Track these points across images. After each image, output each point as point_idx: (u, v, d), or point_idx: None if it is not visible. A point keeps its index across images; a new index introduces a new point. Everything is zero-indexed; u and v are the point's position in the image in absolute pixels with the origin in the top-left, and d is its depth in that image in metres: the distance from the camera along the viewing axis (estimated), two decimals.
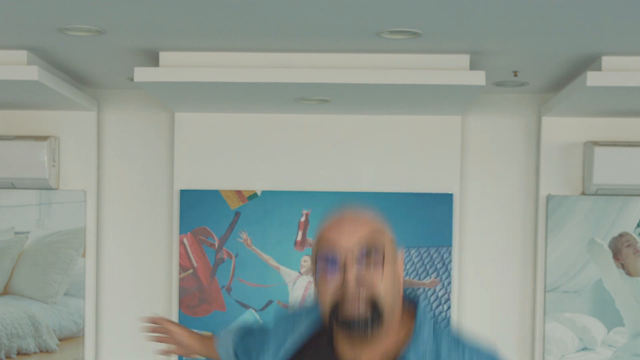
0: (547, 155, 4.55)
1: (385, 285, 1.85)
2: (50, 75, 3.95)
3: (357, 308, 1.82)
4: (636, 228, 4.52)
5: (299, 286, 4.54)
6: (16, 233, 4.63)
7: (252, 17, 3.28)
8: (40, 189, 4.57)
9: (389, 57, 3.82)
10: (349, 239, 1.84)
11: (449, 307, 4.52)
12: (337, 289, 1.83)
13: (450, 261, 4.52)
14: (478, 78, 3.80)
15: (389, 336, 1.90)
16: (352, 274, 1.82)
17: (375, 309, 1.83)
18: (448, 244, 4.52)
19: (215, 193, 4.55)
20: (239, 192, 4.56)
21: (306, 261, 4.53)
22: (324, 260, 1.85)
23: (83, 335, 4.61)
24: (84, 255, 4.61)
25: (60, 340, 4.60)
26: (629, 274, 4.52)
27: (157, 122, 4.70)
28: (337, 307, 1.83)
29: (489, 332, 4.65)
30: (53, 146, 4.50)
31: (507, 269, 4.67)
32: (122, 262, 4.73)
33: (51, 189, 4.56)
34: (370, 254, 1.84)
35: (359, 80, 3.81)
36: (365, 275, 1.83)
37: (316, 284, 1.90)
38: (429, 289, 4.54)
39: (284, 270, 4.55)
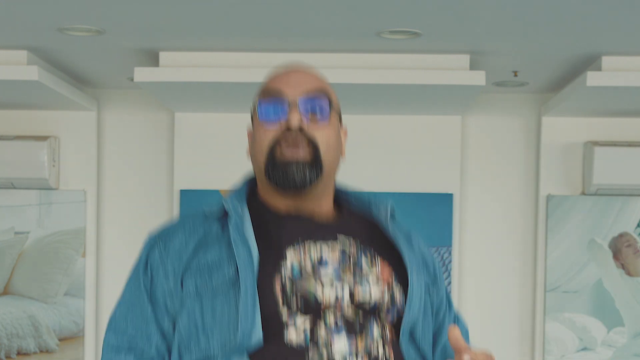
0: (547, 155, 4.55)
1: (328, 140, 1.74)
2: (50, 75, 3.95)
3: (297, 150, 1.69)
4: (636, 228, 4.52)
5: None
6: (16, 233, 4.63)
7: (252, 17, 3.28)
8: (40, 189, 4.57)
9: (389, 57, 3.82)
10: (296, 87, 1.74)
11: None
12: (277, 134, 1.70)
13: (450, 261, 4.52)
14: (478, 78, 3.80)
15: (325, 196, 1.77)
16: (295, 117, 1.70)
17: (315, 156, 1.70)
18: (448, 244, 4.52)
19: (215, 193, 4.55)
20: None
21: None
22: (267, 106, 1.73)
23: (83, 335, 4.61)
24: (84, 255, 4.61)
25: (60, 340, 4.60)
26: (629, 274, 4.52)
27: (157, 122, 4.70)
28: (273, 150, 1.70)
29: (489, 332, 4.65)
30: (53, 146, 4.51)
31: (507, 269, 4.67)
32: (122, 262, 4.70)
33: (51, 189, 4.56)
34: (315, 106, 1.73)
35: (359, 80, 3.81)
36: (308, 124, 1.72)
37: (253, 136, 1.78)
38: None
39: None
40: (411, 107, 4.36)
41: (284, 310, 1.61)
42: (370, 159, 4.57)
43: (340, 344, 1.62)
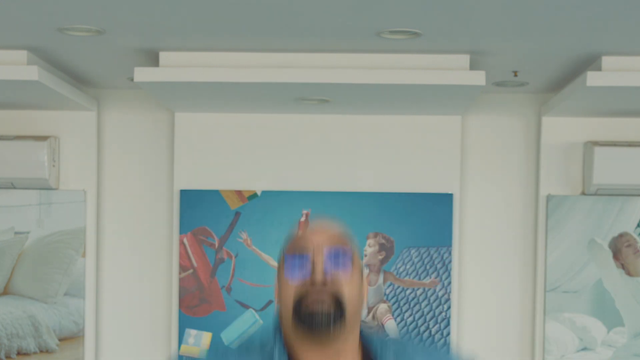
0: (547, 155, 4.55)
1: (351, 289, 1.85)
2: (50, 75, 3.95)
3: (321, 302, 1.81)
4: (636, 228, 4.52)
5: None
6: (16, 233, 4.63)
7: (252, 17, 3.28)
8: (40, 189, 4.57)
9: (389, 57, 3.82)
10: (320, 239, 1.87)
11: (449, 307, 4.52)
12: (303, 284, 1.83)
13: (450, 261, 4.52)
14: (478, 78, 3.80)
15: (348, 343, 1.88)
16: (320, 269, 1.83)
17: (339, 307, 1.82)
18: (448, 244, 4.52)
19: (215, 193, 4.55)
20: (239, 192, 4.56)
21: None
22: (292, 257, 1.86)
23: (83, 335, 4.61)
24: (84, 255, 4.61)
25: (60, 340, 4.60)
26: (629, 274, 4.52)
27: (157, 122, 4.70)
28: (300, 302, 1.82)
29: (489, 332, 4.65)
30: (53, 146, 4.51)
31: (507, 269, 4.67)
32: (122, 262, 4.73)
33: (51, 189, 4.56)
34: (339, 256, 1.86)
35: (359, 80, 3.81)
36: (332, 274, 1.84)
37: (279, 284, 1.89)
38: (429, 289, 4.54)
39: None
40: (411, 107, 4.36)
41: None
42: (370, 159, 4.57)
43: None
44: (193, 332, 4.55)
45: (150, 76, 3.85)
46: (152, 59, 3.92)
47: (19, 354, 4.58)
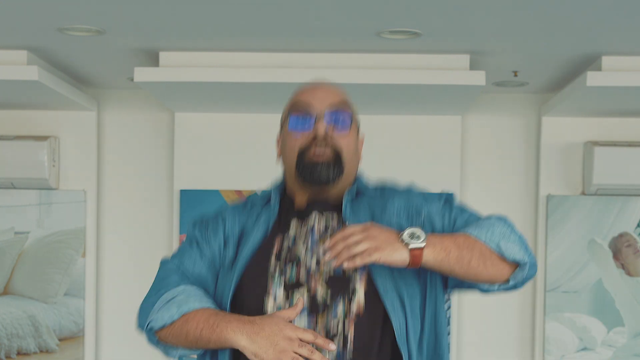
0: (547, 155, 4.55)
1: (349, 146, 2.03)
2: (50, 75, 3.95)
3: (322, 152, 1.98)
4: (636, 228, 4.52)
5: None
6: (16, 233, 4.63)
7: (252, 17, 3.28)
8: (40, 189, 4.57)
9: (389, 57, 3.82)
10: (322, 99, 2.03)
11: (449, 307, 4.52)
12: (306, 138, 2.00)
13: None
14: (478, 78, 3.81)
15: (341, 189, 2.05)
16: (322, 125, 1.99)
17: (338, 158, 1.99)
18: None
19: (215, 193, 4.55)
20: (239, 192, 4.56)
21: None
22: (297, 117, 2.02)
23: (83, 335, 4.61)
24: (84, 255, 4.61)
25: (60, 340, 4.60)
26: (629, 274, 4.52)
27: (157, 122, 4.70)
28: (302, 153, 1.99)
29: (489, 332, 4.65)
30: (53, 146, 4.51)
31: None
32: (122, 262, 4.73)
33: (51, 189, 4.56)
34: (339, 116, 2.02)
35: (359, 80, 3.81)
36: (333, 131, 2.00)
37: (283, 141, 2.08)
38: None
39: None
40: (411, 107, 4.36)
41: (271, 280, 1.95)
42: (370, 159, 4.56)
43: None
44: None
45: (150, 76, 3.85)
46: (152, 59, 3.92)
47: (19, 354, 4.58)
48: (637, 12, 3.13)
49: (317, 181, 1.99)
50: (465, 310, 4.64)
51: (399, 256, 1.84)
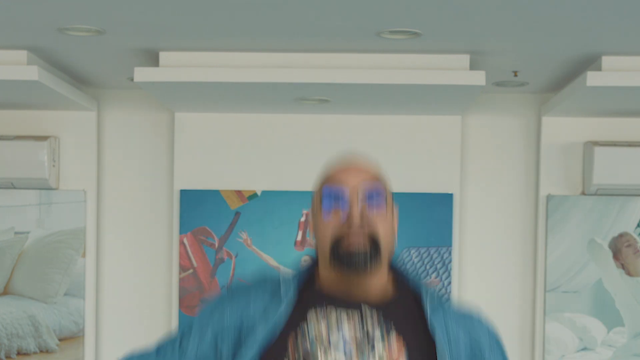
0: (547, 155, 4.55)
1: (385, 227, 1.91)
2: (50, 75, 3.95)
3: (359, 241, 1.86)
4: (636, 228, 4.52)
5: None
6: (16, 233, 4.63)
7: (252, 17, 3.28)
8: (40, 189, 4.57)
9: (389, 57, 3.82)
10: (356, 178, 1.92)
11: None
12: (340, 225, 1.88)
13: (450, 261, 4.52)
14: (478, 78, 3.80)
15: (380, 278, 1.92)
16: (356, 209, 1.88)
17: (375, 245, 1.87)
18: (448, 244, 4.52)
19: (215, 193, 4.55)
20: (239, 192, 4.56)
21: (306, 261, 4.53)
22: (329, 197, 1.91)
23: (83, 335, 4.61)
24: (84, 255, 4.61)
25: (60, 340, 4.60)
26: (629, 274, 4.52)
27: (157, 122, 4.70)
28: (337, 242, 1.87)
29: None
30: (53, 146, 4.51)
31: (507, 269, 4.67)
32: (122, 262, 4.73)
33: (51, 189, 4.56)
34: (374, 196, 1.91)
35: (359, 80, 3.81)
36: (368, 213, 1.89)
37: (315, 224, 1.94)
38: None
39: (284, 270, 4.54)
40: (411, 107, 4.36)
41: None
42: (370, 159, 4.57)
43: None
44: None
45: (150, 76, 3.85)
46: (152, 59, 3.92)
47: (19, 354, 4.58)
48: (637, 12, 3.13)
49: (354, 271, 1.86)
50: None
51: None
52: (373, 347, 1.85)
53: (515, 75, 4.15)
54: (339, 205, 1.89)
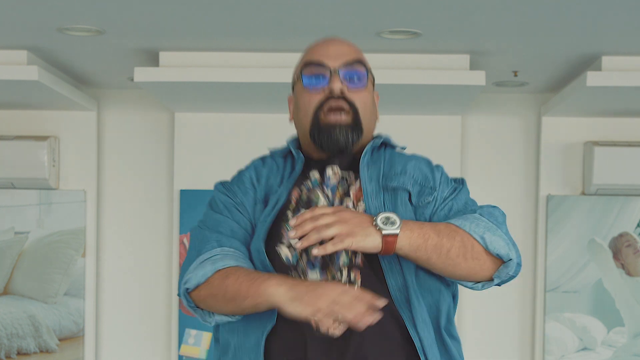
0: (547, 155, 4.55)
1: (365, 103, 1.97)
2: (50, 75, 3.95)
3: (339, 115, 1.91)
4: (636, 228, 4.52)
5: None
6: (16, 233, 4.63)
7: (252, 17, 3.28)
8: (40, 189, 4.57)
9: (389, 57, 3.82)
10: (337, 58, 1.94)
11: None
12: (321, 100, 1.92)
13: None
14: (478, 78, 3.81)
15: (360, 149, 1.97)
16: (337, 85, 1.92)
17: (356, 118, 1.93)
18: None
19: None
20: None
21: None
22: (310, 76, 1.96)
23: (83, 335, 4.61)
24: (84, 255, 4.61)
25: (60, 340, 4.60)
26: (629, 274, 4.52)
27: (157, 122, 4.70)
28: (318, 114, 1.92)
29: (489, 332, 4.65)
30: (53, 146, 4.51)
31: None
32: (122, 262, 4.73)
33: (51, 189, 4.56)
34: (354, 74, 1.95)
35: None
36: (348, 89, 1.93)
37: (296, 102, 2.00)
38: None
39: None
40: (411, 107, 4.36)
41: (286, 229, 1.85)
42: None
43: (313, 277, 1.82)
44: (193, 332, 4.55)
45: (150, 76, 3.85)
46: (152, 59, 3.92)
47: (19, 354, 4.58)
48: (637, 12, 3.13)
49: (335, 147, 1.92)
50: (466, 310, 4.64)
51: (372, 242, 1.73)
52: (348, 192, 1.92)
53: (515, 75, 4.15)
54: (320, 82, 1.94)
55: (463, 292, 4.76)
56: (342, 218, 1.74)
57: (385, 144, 2.07)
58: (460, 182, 2.11)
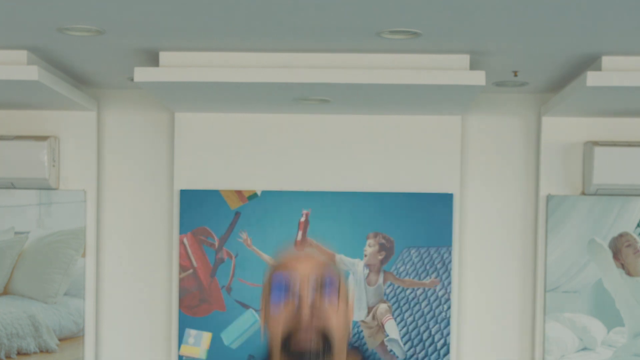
0: (547, 155, 4.55)
1: (338, 320, 1.86)
2: (50, 75, 3.95)
3: (309, 339, 1.82)
4: (636, 228, 4.52)
5: None
6: (16, 233, 4.63)
7: (252, 17, 3.28)
8: (40, 189, 4.57)
9: (389, 57, 3.82)
10: (305, 268, 1.85)
11: (449, 307, 4.52)
12: (290, 318, 1.84)
13: (450, 261, 4.52)
14: (478, 78, 3.80)
15: None
16: (306, 303, 1.83)
17: (327, 342, 1.83)
18: (448, 244, 4.52)
19: (215, 193, 4.55)
20: (239, 192, 4.56)
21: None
22: (278, 289, 1.85)
23: (83, 335, 4.61)
24: (84, 255, 4.61)
25: (60, 340, 4.60)
26: (629, 274, 4.52)
27: (157, 122, 4.70)
28: (288, 338, 1.83)
29: (489, 332, 4.65)
30: (53, 146, 4.50)
31: (507, 269, 4.67)
32: (122, 262, 4.73)
33: (51, 189, 4.56)
34: (325, 285, 1.85)
35: (359, 80, 3.80)
36: (319, 306, 1.84)
37: (266, 315, 1.90)
38: (429, 289, 4.54)
39: None
40: (411, 107, 4.36)
41: None
42: (370, 159, 4.57)
43: None
44: (193, 332, 4.55)
45: (150, 76, 3.85)
46: (152, 59, 3.92)
47: (19, 354, 4.58)
48: (637, 12, 3.13)
49: None
50: (465, 310, 4.64)
51: None
52: None
53: (515, 75, 4.15)
54: (288, 297, 1.84)
55: (463, 291, 4.79)
56: None
57: None
58: None
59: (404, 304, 4.54)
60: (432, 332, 4.52)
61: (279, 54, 3.82)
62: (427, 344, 4.50)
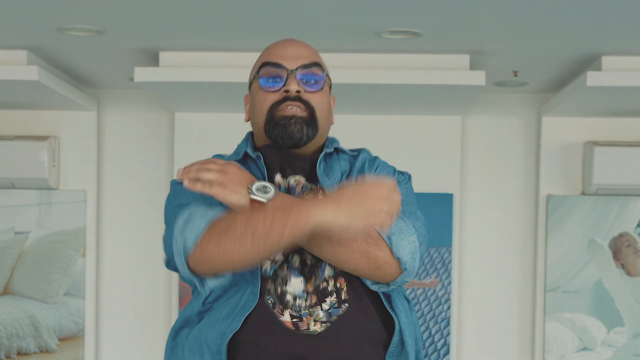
0: (547, 155, 4.55)
1: (321, 103, 1.95)
2: (50, 75, 3.95)
3: (295, 109, 1.89)
4: (636, 228, 4.52)
5: None
6: (16, 233, 4.63)
7: (252, 17, 3.28)
8: (40, 189, 4.57)
9: (389, 57, 3.82)
10: (294, 60, 1.93)
11: (449, 307, 4.52)
12: (277, 97, 1.91)
13: (450, 261, 4.52)
14: (478, 78, 3.81)
15: (315, 152, 1.96)
16: (293, 87, 1.91)
17: (312, 115, 1.91)
18: (448, 244, 4.52)
19: None
20: None
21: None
22: (267, 77, 1.93)
23: (83, 335, 4.61)
24: (84, 255, 4.61)
25: (60, 340, 4.60)
26: (629, 274, 4.52)
27: (157, 122, 4.71)
28: (273, 110, 1.90)
29: (489, 331, 4.65)
30: (53, 146, 4.51)
31: (507, 269, 4.67)
32: (122, 262, 4.73)
33: (51, 189, 4.56)
34: (311, 77, 1.94)
35: (359, 80, 3.81)
36: (305, 92, 1.92)
37: (252, 100, 1.97)
38: (429, 289, 4.54)
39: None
40: (411, 107, 4.36)
41: None
42: None
43: (297, 284, 1.82)
44: None
45: (150, 76, 3.85)
46: (152, 59, 3.92)
47: (19, 354, 4.58)
48: (637, 12, 3.13)
49: (290, 140, 1.89)
50: (465, 310, 4.65)
51: (237, 200, 1.76)
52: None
53: (515, 75, 4.15)
54: (277, 83, 1.92)
55: (463, 291, 4.79)
56: (225, 170, 1.79)
57: (337, 150, 2.05)
58: (407, 178, 2.09)
59: None
60: (432, 332, 4.52)
61: None
62: (427, 344, 4.50)
